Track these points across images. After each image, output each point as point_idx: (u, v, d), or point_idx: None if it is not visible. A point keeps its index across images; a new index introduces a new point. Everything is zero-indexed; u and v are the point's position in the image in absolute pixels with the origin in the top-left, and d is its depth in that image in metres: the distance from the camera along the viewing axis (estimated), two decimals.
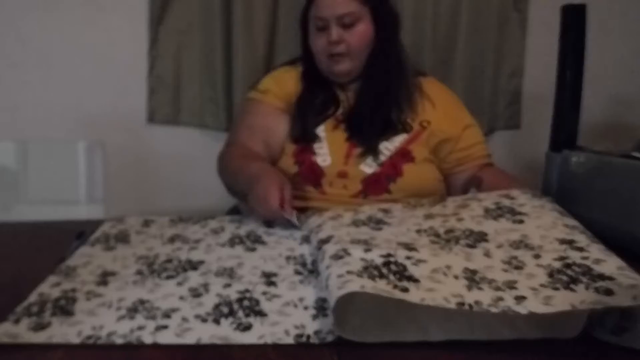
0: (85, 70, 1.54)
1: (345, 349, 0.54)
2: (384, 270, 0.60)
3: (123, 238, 0.83)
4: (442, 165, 1.13)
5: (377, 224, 0.78)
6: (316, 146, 1.08)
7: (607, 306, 0.52)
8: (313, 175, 1.05)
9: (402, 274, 0.59)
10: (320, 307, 0.62)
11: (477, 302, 0.55)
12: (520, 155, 1.56)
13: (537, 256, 0.64)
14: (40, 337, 0.55)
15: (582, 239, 0.67)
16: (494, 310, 0.54)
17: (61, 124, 1.53)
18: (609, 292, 0.54)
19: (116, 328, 0.57)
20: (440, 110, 1.14)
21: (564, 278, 0.58)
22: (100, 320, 0.58)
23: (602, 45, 1.36)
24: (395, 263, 0.62)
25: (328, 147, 1.07)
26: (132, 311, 0.61)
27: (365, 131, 1.08)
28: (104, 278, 0.69)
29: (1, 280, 0.69)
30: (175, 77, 1.57)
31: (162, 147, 1.61)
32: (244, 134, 1.13)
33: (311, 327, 0.58)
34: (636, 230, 0.80)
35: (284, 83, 1.16)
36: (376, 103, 1.10)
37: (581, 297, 0.53)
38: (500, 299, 0.56)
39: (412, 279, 0.59)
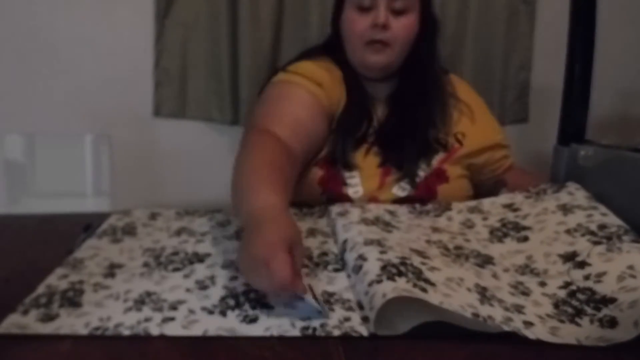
0: (91, 64, 1.54)
1: (349, 342, 0.54)
2: (402, 269, 0.60)
3: (130, 230, 0.84)
4: (475, 177, 1.09)
5: (386, 225, 0.77)
6: (347, 175, 0.96)
7: (611, 343, 0.52)
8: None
9: (419, 276, 0.59)
10: (326, 301, 0.62)
11: (490, 317, 0.55)
12: (528, 149, 1.54)
13: (542, 284, 0.65)
14: (48, 328, 0.55)
15: (583, 245, 0.67)
16: (505, 328, 0.54)
17: (68, 118, 1.53)
18: (613, 323, 0.55)
19: (123, 319, 0.57)
20: (473, 118, 1.07)
21: (569, 310, 0.59)
22: (108, 311, 0.59)
23: (611, 39, 1.34)
24: (412, 265, 0.61)
25: (360, 177, 0.96)
26: (139, 303, 0.61)
27: (402, 153, 0.96)
28: (111, 270, 0.69)
29: (10, 272, 0.69)
30: (181, 70, 1.57)
31: (168, 140, 1.60)
32: (277, 122, 0.88)
33: (317, 320, 0.58)
34: None
35: (335, 82, 1.00)
36: (413, 117, 0.99)
37: (586, 333, 0.54)
38: (510, 319, 0.56)
39: (429, 281, 0.58)
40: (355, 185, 0.96)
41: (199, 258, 0.73)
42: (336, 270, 0.70)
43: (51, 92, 1.53)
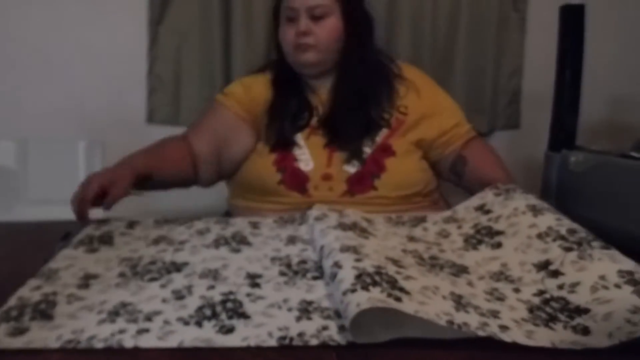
0: (85, 70, 1.54)
1: (344, 349, 0.54)
2: (377, 278, 0.59)
3: (107, 240, 0.83)
4: (429, 153, 1.13)
5: (362, 232, 0.77)
6: (297, 152, 1.08)
7: (586, 347, 0.53)
8: (298, 180, 1.05)
9: (394, 285, 0.59)
10: (305, 309, 0.61)
11: (465, 324, 0.55)
12: (520, 155, 1.55)
13: (517, 290, 0.65)
14: (18, 343, 0.54)
15: (556, 252, 0.68)
16: (481, 333, 0.54)
17: (61, 124, 1.54)
18: (585, 332, 0.55)
19: (97, 332, 0.56)
20: (419, 93, 1.14)
21: (543, 315, 0.59)
22: (81, 323, 0.58)
23: (601, 45, 1.36)
24: (387, 274, 0.61)
25: (309, 152, 1.07)
26: (114, 314, 0.60)
27: (345, 135, 1.07)
28: (86, 281, 0.68)
29: None
30: (174, 77, 1.58)
31: None
32: (195, 132, 1.13)
33: (295, 329, 0.57)
34: (635, 229, 0.80)
35: (250, 88, 1.16)
36: (353, 103, 1.10)
37: (560, 337, 0.55)
38: (486, 324, 0.56)
39: (403, 290, 0.58)
40: (306, 159, 1.06)
41: (177, 267, 0.72)
42: (315, 278, 0.69)
43: (44, 98, 1.53)
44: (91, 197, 0.82)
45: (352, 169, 1.05)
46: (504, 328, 0.56)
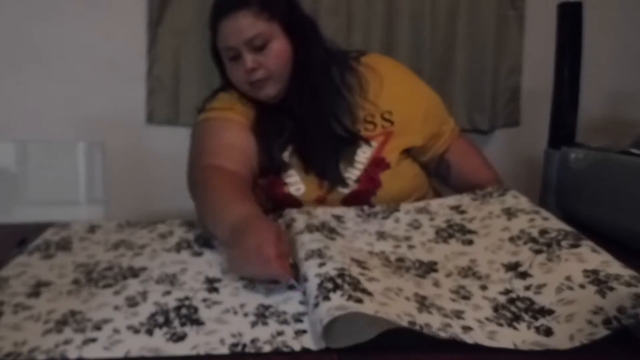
0: (84, 72, 1.54)
1: (344, 353, 0.53)
2: (339, 281, 0.58)
3: (64, 245, 0.80)
4: (416, 157, 1.06)
5: (330, 232, 0.75)
6: (285, 176, 0.98)
7: (547, 348, 0.53)
8: (290, 206, 0.94)
9: (357, 286, 0.57)
10: (261, 314, 0.59)
11: (427, 325, 0.54)
12: (520, 153, 1.55)
13: (483, 287, 0.65)
14: None
15: (526, 255, 0.67)
16: (442, 334, 0.53)
17: (60, 125, 1.54)
18: (548, 332, 0.55)
19: (40, 343, 0.54)
20: (394, 89, 1.03)
21: (508, 314, 0.59)
22: (24, 335, 0.55)
23: (599, 42, 1.35)
24: (350, 276, 0.59)
25: (298, 174, 0.98)
26: (61, 324, 0.58)
27: (317, 160, 0.97)
28: (37, 289, 0.66)
29: None
30: (174, 77, 1.58)
31: (161, 147, 1.61)
32: (216, 155, 0.95)
33: (249, 335, 0.55)
34: (635, 226, 0.80)
35: (239, 101, 1.03)
36: (313, 125, 0.99)
37: (523, 337, 0.55)
38: (449, 325, 0.55)
39: (366, 291, 0.57)
40: (296, 183, 0.97)
41: (134, 273, 0.70)
42: (275, 281, 0.67)
43: (44, 99, 1.53)
44: (276, 255, 0.64)
45: (346, 189, 0.97)
46: (466, 329, 0.55)
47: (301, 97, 1.00)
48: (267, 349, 0.53)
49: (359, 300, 0.54)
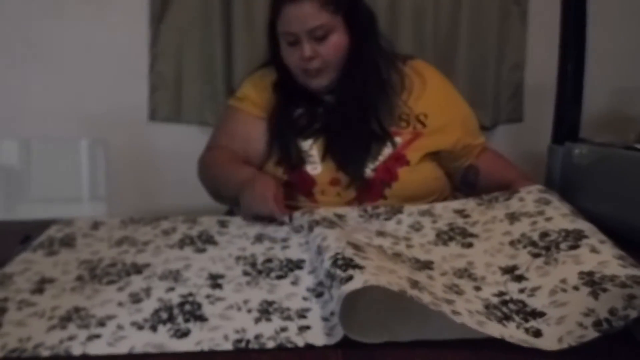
0: (87, 69, 1.55)
1: (349, 349, 0.53)
2: (332, 270, 0.58)
3: (68, 242, 0.80)
4: (442, 162, 1.07)
5: (330, 223, 0.76)
6: (304, 154, 1.01)
7: (534, 346, 0.52)
8: (303, 184, 0.99)
9: (349, 264, 0.57)
10: (265, 310, 0.59)
11: (418, 297, 0.54)
12: (523, 149, 1.53)
13: (477, 288, 0.64)
14: None
15: (524, 258, 0.67)
16: (432, 307, 0.53)
17: (63, 123, 1.55)
18: (537, 334, 0.54)
19: (45, 339, 0.54)
20: (435, 96, 1.06)
21: (498, 313, 0.58)
22: (29, 331, 0.56)
23: (603, 37, 1.34)
24: (343, 258, 0.59)
25: (318, 155, 1.01)
26: (65, 320, 0.58)
27: (348, 154, 0.99)
28: (41, 285, 0.66)
29: None
30: (176, 74, 1.58)
31: (164, 144, 1.62)
32: (225, 140, 1.09)
33: (252, 331, 0.55)
34: (639, 221, 0.79)
35: (263, 89, 1.08)
36: (353, 119, 1.01)
37: (510, 333, 0.54)
38: (438, 305, 0.54)
39: (357, 267, 0.57)
40: (314, 162, 1.00)
41: (137, 269, 0.70)
42: (279, 277, 0.68)
43: (46, 97, 1.54)
44: (273, 196, 0.87)
45: None
46: (456, 313, 0.54)
47: (349, 90, 1.02)
48: (270, 344, 0.53)
49: (350, 278, 0.54)
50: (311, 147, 1.02)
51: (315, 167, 1.00)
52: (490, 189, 1.01)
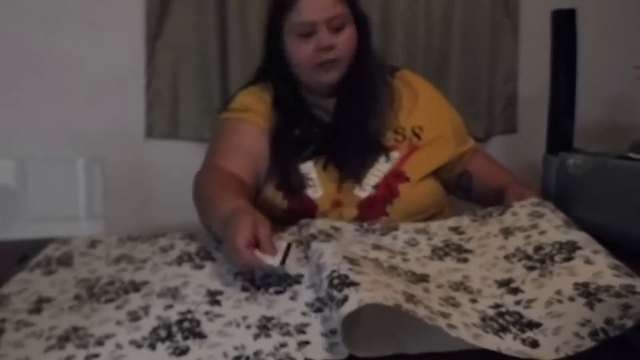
0: (83, 87, 1.55)
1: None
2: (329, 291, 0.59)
3: (66, 261, 0.80)
4: (438, 174, 1.06)
5: (327, 236, 0.76)
6: (305, 177, 0.99)
7: (531, 357, 0.52)
8: (305, 209, 0.97)
9: (344, 282, 0.58)
10: (264, 326, 0.59)
11: (413, 311, 0.54)
12: (518, 159, 1.54)
13: (473, 300, 0.64)
14: None
15: (519, 272, 0.68)
16: (427, 321, 0.53)
17: (59, 141, 1.54)
18: (534, 345, 0.55)
19: None
20: (427, 107, 1.07)
21: (495, 325, 0.58)
22: (26, 352, 0.55)
23: (593, 48, 1.36)
24: (338, 277, 0.59)
25: (317, 178, 0.99)
26: (64, 340, 0.58)
27: (347, 156, 0.99)
28: (39, 305, 0.66)
29: None
30: (172, 91, 1.59)
31: (161, 161, 1.62)
32: (224, 156, 0.99)
33: (251, 347, 0.55)
34: (634, 230, 0.80)
35: (261, 101, 1.06)
36: (356, 119, 1.02)
37: (507, 345, 0.54)
38: (434, 319, 0.55)
39: (353, 284, 0.57)
40: (314, 185, 0.99)
41: (135, 287, 0.70)
42: (278, 292, 0.67)
43: (43, 115, 1.54)
44: (245, 244, 0.68)
45: (363, 193, 0.98)
46: (452, 327, 0.55)
47: (351, 90, 1.02)
48: None
49: (345, 299, 0.54)
50: (311, 170, 1.00)
51: (316, 191, 0.99)
52: (484, 192, 1.03)
